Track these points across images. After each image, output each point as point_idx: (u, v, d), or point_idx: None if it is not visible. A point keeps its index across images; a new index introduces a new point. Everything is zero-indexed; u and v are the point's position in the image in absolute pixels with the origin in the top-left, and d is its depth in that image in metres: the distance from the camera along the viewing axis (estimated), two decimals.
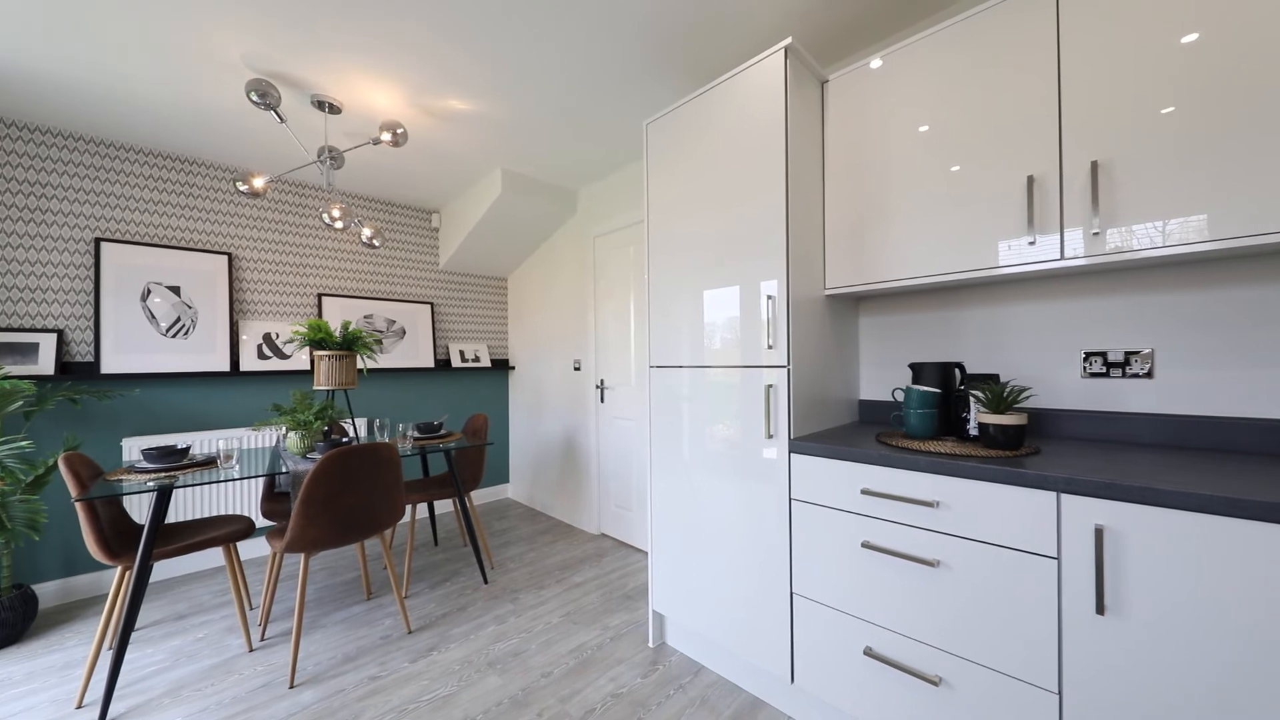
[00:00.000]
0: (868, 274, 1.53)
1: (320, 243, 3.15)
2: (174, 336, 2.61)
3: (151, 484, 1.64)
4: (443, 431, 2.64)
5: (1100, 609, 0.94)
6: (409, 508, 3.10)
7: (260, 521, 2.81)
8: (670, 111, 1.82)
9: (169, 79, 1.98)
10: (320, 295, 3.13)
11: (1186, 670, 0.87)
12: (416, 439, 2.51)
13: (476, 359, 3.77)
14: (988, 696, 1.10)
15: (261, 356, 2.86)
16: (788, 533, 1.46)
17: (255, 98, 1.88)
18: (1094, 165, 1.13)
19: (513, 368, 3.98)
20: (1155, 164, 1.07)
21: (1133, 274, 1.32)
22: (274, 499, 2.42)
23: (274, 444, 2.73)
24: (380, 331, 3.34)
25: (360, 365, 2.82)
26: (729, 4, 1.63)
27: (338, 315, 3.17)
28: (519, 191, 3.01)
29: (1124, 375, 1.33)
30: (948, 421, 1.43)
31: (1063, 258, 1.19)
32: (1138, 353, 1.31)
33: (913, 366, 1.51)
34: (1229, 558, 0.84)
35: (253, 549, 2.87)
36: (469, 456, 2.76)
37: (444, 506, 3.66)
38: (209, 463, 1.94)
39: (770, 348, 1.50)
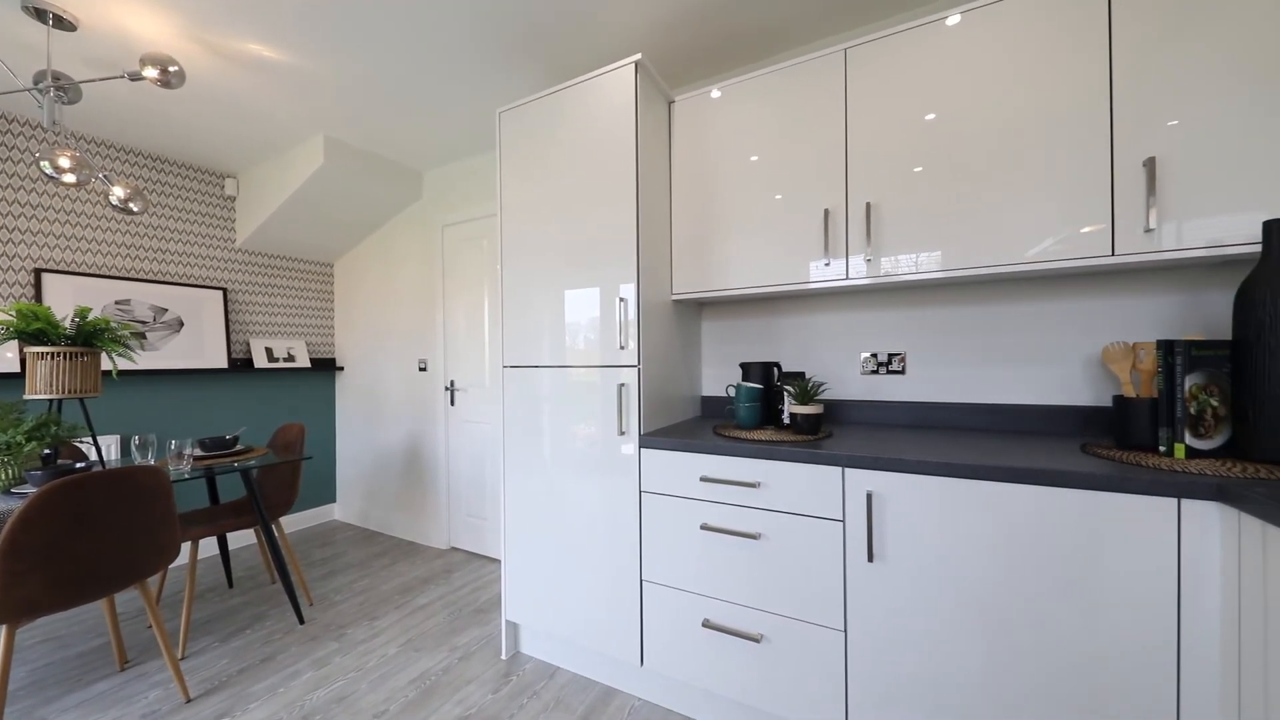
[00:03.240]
0: (709, 283, 1.69)
1: (39, 200, 2.33)
2: None
3: None
4: (238, 447, 2.17)
5: (871, 558, 1.19)
6: (187, 545, 2.46)
7: None
8: (525, 103, 1.76)
9: None
10: (39, 271, 2.31)
11: (930, 599, 1.15)
12: (200, 458, 2.02)
13: (290, 358, 3.18)
14: (796, 643, 1.30)
15: None
16: (638, 524, 1.53)
17: None
18: (868, 205, 1.42)
19: (341, 368, 3.46)
20: (909, 209, 1.39)
21: (896, 293, 1.69)
22: None
23: None
24: (142, 322, 2.60)
25: (108, 366, 2.14)
26: (583, 6, 1.65)
27: (70, 299, 2.38)
28: (347, 165, 2.62)
29: (888, 372, 1.70)
30: (769, 412, 1.65)
31: (848, 278, 1.47)
32: (898, 354, 1.68)
33: (742, 365, 1.71)
34: (956, 508, 1.12)
35: None
36: (278, 475, 2.31)
37: (244, 538, 3.00)
38: None
39: (623, 348, 1.56)
